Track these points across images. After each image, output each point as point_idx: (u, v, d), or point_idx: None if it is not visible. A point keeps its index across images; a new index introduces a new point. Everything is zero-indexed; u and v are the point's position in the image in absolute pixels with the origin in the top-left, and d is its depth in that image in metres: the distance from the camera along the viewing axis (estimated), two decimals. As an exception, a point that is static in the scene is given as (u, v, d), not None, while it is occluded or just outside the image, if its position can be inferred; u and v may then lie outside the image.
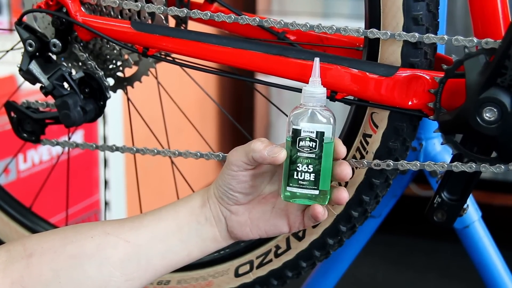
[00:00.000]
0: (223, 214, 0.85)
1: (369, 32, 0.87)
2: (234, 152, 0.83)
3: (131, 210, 2.25)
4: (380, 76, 0.87)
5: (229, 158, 0.84)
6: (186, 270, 1.07)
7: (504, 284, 1.12)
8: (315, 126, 0.79)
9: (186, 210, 0.85)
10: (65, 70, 0.98)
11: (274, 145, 0.81)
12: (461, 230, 1.11)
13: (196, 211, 0.85)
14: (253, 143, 0.82)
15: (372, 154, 0.92)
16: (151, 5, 0.94)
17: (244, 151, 0.82)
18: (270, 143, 0.82)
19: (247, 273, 1.03)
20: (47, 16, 0.99)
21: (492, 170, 0.87)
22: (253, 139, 0.83)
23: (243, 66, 0.92)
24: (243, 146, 0.83)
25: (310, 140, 0.79)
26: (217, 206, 0.85)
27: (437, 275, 2.45)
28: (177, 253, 0.85)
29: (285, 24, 0.90)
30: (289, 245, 1.00)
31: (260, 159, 0.81)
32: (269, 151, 0.80)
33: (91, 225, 0.85)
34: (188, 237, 0.85)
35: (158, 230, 0.84)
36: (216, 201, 0.85)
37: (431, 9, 0.87)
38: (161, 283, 1.09)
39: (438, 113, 0.86)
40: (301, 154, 0.80)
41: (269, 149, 0.80)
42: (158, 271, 0.85)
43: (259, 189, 0.86)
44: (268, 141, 0.82)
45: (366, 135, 0.92)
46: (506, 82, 0.82)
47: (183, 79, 1.16)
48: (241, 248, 1.04)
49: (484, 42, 0.83)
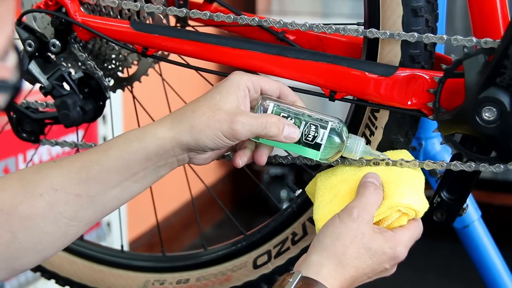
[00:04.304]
0: (189, 157, 0.85)
1: (368, 32, 0.87)
2: (241, 125, 0.81)
3: (131, 210, 2.25)
4: (380, 75, 0.87)
5: (237, 130, 0.81)
6: (204, 267, 1.08)
7: (504, 284, 1.12)
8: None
9: (142, 157, 0.82)
10: (65, 70, 0.98)
11: (287, 125, 0.84)
12: (461, 229, 1.11)
13: (154, 158, 0.83)
14: (267, 126, 0.82)
15: (381, 130, 0.91)
16: (150, 5, 0.95)
17: (252, 131, 0.82)
18: (282, 123, 0.83)
19: (266, 263, 1.03)
20: (47, 16, 0.99)
21: (492, 169, 0.87)
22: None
23: (243, 66, 0.92)
24: (250, 122, 0.81)
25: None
26: (184, 152, 0.84)
27: (436, 275, 2.45)
28: (133, 192, 0.85)
29: (285, 24, 0.90)
30: (305, 231, 1.00)
31: (274, 140, 0.83)
32: (286, 137, 0.84)
33: (36, 177, 0.82)
34: (145, 178, 0.84)
35: (109, 181, 0.82)
36: (185, 147, 0.83)
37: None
38: (180, 282, 1.09)
39: (438, 113, 0.86)
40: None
41: (286, 135, 0.84)
42: (116, 208, 0.85)
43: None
44: (278, 119, 0.83)
45: (374, 110, 0.92)
46: (505, 82, 0.82)
47: (183, 79, 1.16)
48: (257, 239, 1.04)
49: (483, 41, 0.83)
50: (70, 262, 1.15)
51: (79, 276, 1.15)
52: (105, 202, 0.83)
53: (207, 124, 0.81)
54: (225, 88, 0.83)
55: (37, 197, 0.81)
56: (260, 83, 0.86)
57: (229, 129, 0.81)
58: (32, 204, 0.81)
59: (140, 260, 1.14)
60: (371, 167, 0.89)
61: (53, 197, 0.81)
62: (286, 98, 0.88)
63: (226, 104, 0.82)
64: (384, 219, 0.84)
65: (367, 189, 0.83)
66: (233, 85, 0.84)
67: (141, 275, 1.12)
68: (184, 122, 0.82)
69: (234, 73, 0.86)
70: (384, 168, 0.88)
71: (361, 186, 0.85)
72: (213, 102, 0.82)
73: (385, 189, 0.85)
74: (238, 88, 0.84)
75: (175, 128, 0.82)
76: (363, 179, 0.86)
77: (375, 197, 0.83)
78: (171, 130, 0.82)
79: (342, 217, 0.81)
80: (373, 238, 0.81)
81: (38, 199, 0.81)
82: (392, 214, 0.83)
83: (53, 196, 0.81)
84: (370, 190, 0.83)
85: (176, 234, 2.53)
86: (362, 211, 0.81)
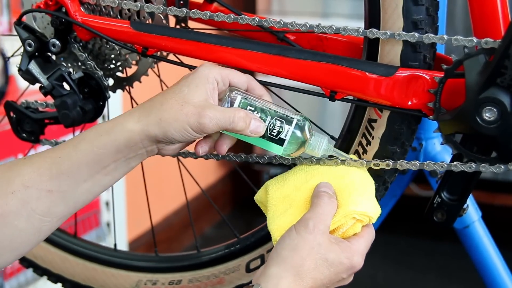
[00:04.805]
0: (158, 148, 0.85)
1: (369, 32, 0.87)
2: (208, 119, 0.82)
3: (131, 210, 2.25)
4: (380, 76, 0.87)
5: (205, 124, 0.82)
6: (197, 268, 1.08)
7: (504, 284, 1.11)
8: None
9: (112, 150, 0.83)
10: (65, 70, 0.98)
11: (253, 120, 0.84)
12: (461, 230, 1.11)
13: (124, 150, 0.83)
14: (234, 121, 0.83)
15: (378, 140, 0.92)
16: (150, 5, 0.94)
17: (219, 125, 0.82)
18: (249, 117, 0.84)
19: (258, 267, 1.02)
20: (46, 16, 0.99)
21: (492, 170, 0.86)
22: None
23: (243, 66, 0.92)
24: (218, 116, 0.82)
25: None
26: (153, 144, 0.84)
27: (437, 275, 2.45)
28: (105, 185, 0.85)
29: (285, 24, 0.90)
30: None
31: (240, 134, 0.84)
32: (252, 131, 0.84)
33: (8, 174, 0.82)
34: (115, 170, 0.85)
35: (80, 175, 0.83)
36: (154, 140, 0.83)
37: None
38: (173, 283, 1.09)
39: (438, 113, 0.86)
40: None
41: (252, 129, 0.84)
42: (88, 201, 0.86)
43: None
44: (245, 114, 0.84)
45: (371, 120, 0.92)
46: (505, 82, 0.82)
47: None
48: (251, 243, 1.04)
49: (484, 42, 0.83)
50: (62, 259, 1.15)
51: (71, 273, 1.15)
52: (77, 196, 0.84)
53: (175, 117, 0.82)
54: (194, 81, 0.84)
55: (9, 195, 0.81)
56: (229, 76, 0.86)
57: (197, 122, 0.82)
58: (5, 202, 0.81)
59: (133, 260, 1.14)
60: (323, 175, 0.89)
61: (25, 194, 0.81)
62: (253, 91, 0.88)
63: (195, 97, 0.83)
64: (339, 227, 0.85)
65: (321, 199, 0.84)
66: (202, 78, 0.84)
67: (134, 275, 1.13)
68: (153, 115, 0.82)
69: (203, 65, 0.86)
70: (336, 175, 0.89)
71: (315, 196, 0.86)
72: (181, 95, 0.83)
73: (339, 197, 0.86)
74: (207, 81, 0.84)
75: (143, 121, 0.83)
76: (316, 189, 0.87)
77: (329, 206, 0.84)
78: (139, 123, 0.83)
79: (298, 229, 0.82)
80: (330, 249, 0.82)
81: (10, 197, 0.81)
82: (347, 221, 0.85)
83: (25, 193, 0.81)
84: (324, 200, 0.84)
85: (176, 234, 2.53)
86: (317, 222, 0.82)
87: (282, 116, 0.86)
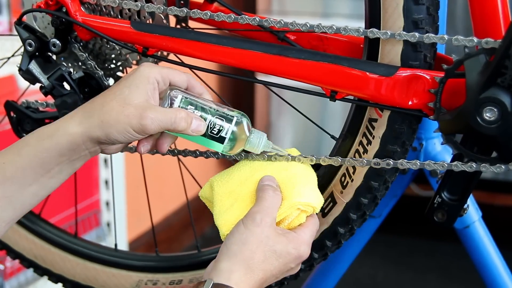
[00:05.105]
0: (101, 148, 0.86)
1: (369, 32, 0.87)
2: (150, 121, 0.82)
3: (131, 210, 2.25)
4: (380, 76, 0.87)
5: (147, 126, 0.82)
6: (197, 268, 1.08)
7: (505, 284, 1.11)
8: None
9: (55, 153, 0.83)
10: (65, 70, 0.98)
11: (195, 119, 0.85)
12: (462, 230, 1.10)
13: (67, 153, 0.84)
14: (176, 121, 0.83)
15: (378, 139, 0.92)
16: (151, 4, 0.94)
17: (161, 126, 0.83)
18: (190, 117, 0.85)
19: None
20: (47, 16, 0.99)
21: (493, 170, 0.86)
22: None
23: (243, 66, 0.92)
24: (159, 118, 0.82)
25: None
26: (96, 145, 0.85)
27: (437, 275, 2.45)
28: (51, 187, 0.86)
29: (285, 24, 0.90)
30: None
31: (182, 133, 0.85)
32: (194, 130, 0.85)
33: None
34: (60, 172, 0.85)
35: (25, 180, 0.84)
36: (96, 141, 0.84)
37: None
38: (173, 283, 1.09)
39: (438, 113, 0.86)
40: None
41: (193, 129, 0.85)
42: (35, 204, 0.86)
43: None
44: (187, 114, 0.85)
45: (371, 120, 0.92)
46: (506, 82, 0.82)
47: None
48: None
49: (484, 41, 0.83)
50: (63, 259, 1.15)
51: (72, 273, 1.15)
52: (24, 200, 0.84)
53: (116, 120, 0.82)
54: (134, 82, 0.84)
55: None
56: (169, 76, 0.87)
57: (139, 124, 0.82)
58: None
59: (133, 260, 1.14)
60: (266, 169, 0.91)
61: None
62: (193, 89, 0.89)
63: (135, 98, 0.83)
64: (284, 218, 0.87)
65: (266, 193, 0.86)
66: (143, 78, 0.85)
67: (134, 275, 1.13)
68: (94, 117, 0.83)
69: (143, 65, 0.87)
70: (279, 169, 0.91)
71: (259, 190, 0.88)
72: (122, 97, 0.83)
73: (283, 190, 0.88)
74: (147, 82, 0.85)
75: (85, 123, 0.83)
76: (260, 182, 0.89)
77: (274, 199, 0.86)
78: (81, 125, 0.83)
79: (246, 223, 0.84)
80: (278, 241, 0.84)
81: None
82: (292, 213, 0.87)
83: None
84: (269, 193, 0.86)
85: (176, 234, 2.53)
86: (264, 215, 0.84)
87: (222, 115, 0.87)
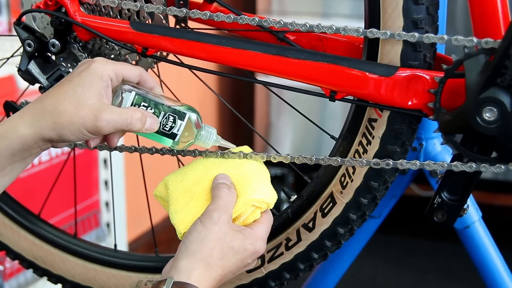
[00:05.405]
0: (52, 146, 0.86)
1: (369, 32, 0.87)
2: (105, 122, 0.82)
3: (130, 211, 2.25)
4: (380, 76, 0.87)
5: (102, 127, 0.82)
6: None
7: (505, 285, 1.11)
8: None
9: (7, 154, 0.83)
10: (64, 70, 0.98)
11: (149, 118, 0.86)
12: (462, 230, 1.10)
13: (19, 153, 0.84)
14: (132, 123, 0.84)
15: (378, 139, 0.91)
16: (150, 5, 0.94)
17: (116, 127, 0.83)
18: (145, 116, 0.85)
19: (259, 268, 1.03)
20: (46, 16, 0.99)
21: (492, 170, 0.86)
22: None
23: (243, 66, 0.92)
24: (115, 119, 0.82)
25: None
26: (48, 143, 0.84)
27: (437, 276, 2.45)
28: (4, 185, 0.86)
29: (285, 24, 0.90)
30: (299, 237, 1.00)
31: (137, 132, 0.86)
32: (147, 129, 0.86)
33: None
34: (12, 170, 0.85)
35: None
36: (48, 141, 0.84)
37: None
38: None
39: (438, 113, 0.86)
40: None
41: (147, 127, 0.86)
42: None
43: None
44: (142, 114, 0.85)
45: (371, 120, 0.92)
46: (506, 82, 0.82)
47: (182, 79, 1.16)
48: None
49: (484, 42, 0.83)
50: (62, 259, 1.15)
51: (71, 274, 1.15)
52: None
53: (70, 121, 0.82)
54: (87, 80, 0.84)
55: None
56: (122, 72, 0.87)
57: (94, 126, 0.82)
58: None
59: (133, 260, 1.14)
60: (220, 167, 0.92)
61: None
62: (145, 83, 0.89)
63: (89, 98, 0.83)
64: (240, 215, 0.89)
65: (221, 191, 0.88)
66: (96, 76, 0.84)
67: (134, 275, 1.12)
68: (46, 118, 0.82)
69: (96, 62, 0.85)
70: (232, 167, 0.93)
71: (214, 188, 0.89)
72: (75, 96, 0.83)
73: (237, 187, 0.90)
74: (101, 80, 0.84)
75: (36, 125, 0.83)
76: (215, 181, 0.90)
77: (229, 197, 0.87)
78: (32, 127, 0.83)
79: (203, 221, 0.86)
80: (235, 237, 0.86)
81: None
82: (247, 209, 0.89)
83: None
84: (224, 191, 0.88)
85: (176, 235, 2.53)
86: (221, 213, 0.86)
87: (175, 111, 0.88)
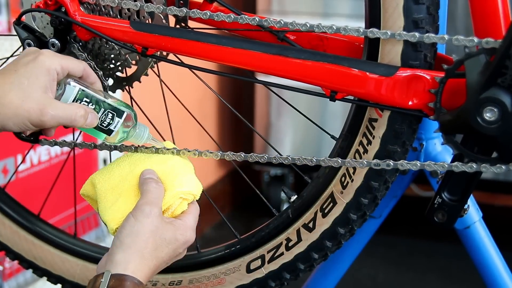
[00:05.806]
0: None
1: (369, 32, 0.87)
2: (50, 117, 0.84)
3: (131, 211, 2.24)
4: (380, 76, 0.87)
5: (46, 121, 0.84)
6: (197, 269, 1.07)
7: (505, 285, 1.11)
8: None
9: None
10: (64, 70, 0.98)
11: (90, 114, 0.88)
12: (462, 230, 1.10)
13: None
14: (76, 119, 0.86)
15: (378, 139, 0.91)
16: (150, 4, 0.94)
17: (60, 122, 0.85)
18: (87, 112, 0.88)
19: (259, 268, 1.03)
20: (46, 16, 0.99)
21: (493, 170, 0.86)
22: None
23: (243, 66, 0.92)
24: (60, 115, 0.84)
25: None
26: None
27: (437, 276, 2.44)
28: None
29: (285, 24, 0.90)
30: (299, 237, 1.00)
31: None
32: (88, 124, 0.89)
33: None
34: None
35: None
36: None
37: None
38: (173, 284, 1.09)
39: (439, 113, 0.86)
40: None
41: (88, 123, 0.88)
42: None
43: None
44: (85, 111, 0.87)
45: (372, 120, 0.92)
46: (506, 82, 0.82)
47: (182, 79, 1.15)
48: (251, 244, 1.04)
49: (485, 41, 0.83)
50: (62, 260, 1.15)
51: (71, 274, 1.14)
52: None
53: (15, 113, 0.83)
54: (34, 72, 0.85)
55: None
56: (68, 66, 0.88)
57: (38, 120, 0.84)
58: None
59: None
60: (145, 162, 0.95)
61: None
62: (87, 78, 0.91)
63: (35, 90, 0.84)
64: (168, 207, 0.92)
65: (149, 185, 0.91)
66: (43, 69, 0.85)
67: None
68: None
69: (43, 54, 0.87)
70: (157, 162, 0.95)
71: (142, 183, 0.92)
72: (21, 88, 0.84)
73: (164, 181, 0.93)
74: (47, 73, 0.85)
75: None
76: (142, 176, 0.93)
77: (158, 191, 0.90)
78: None
79: (136, 215, 0.88)
80: (166, 229, 0.89)
81: None
82: (175, 202, 0.93)
83: None
84: (153, 185, 0.91)
85: (176, 234, 2.53)
86: (152, 207, 0.89)
87: (113, 109, 0.91)
